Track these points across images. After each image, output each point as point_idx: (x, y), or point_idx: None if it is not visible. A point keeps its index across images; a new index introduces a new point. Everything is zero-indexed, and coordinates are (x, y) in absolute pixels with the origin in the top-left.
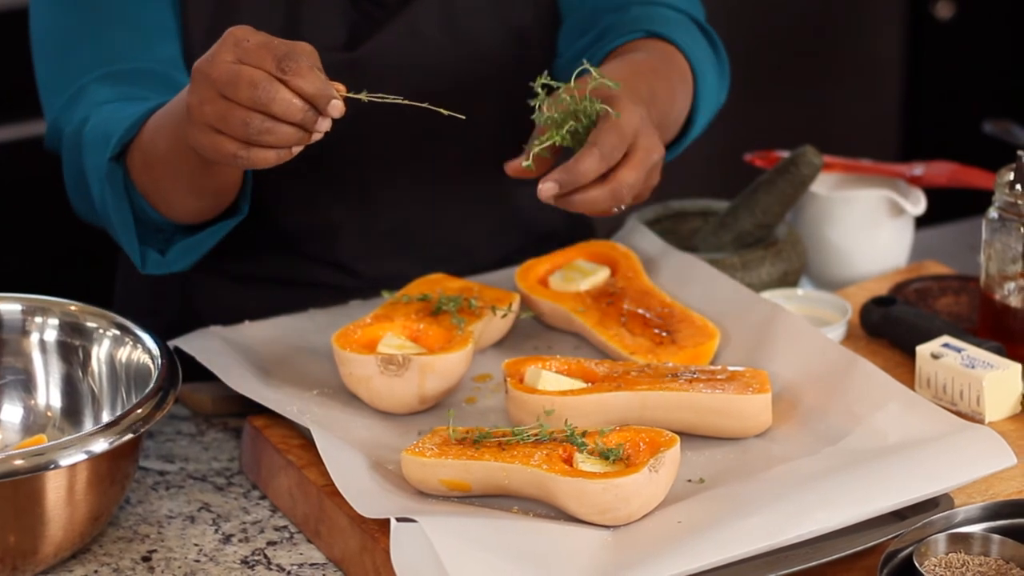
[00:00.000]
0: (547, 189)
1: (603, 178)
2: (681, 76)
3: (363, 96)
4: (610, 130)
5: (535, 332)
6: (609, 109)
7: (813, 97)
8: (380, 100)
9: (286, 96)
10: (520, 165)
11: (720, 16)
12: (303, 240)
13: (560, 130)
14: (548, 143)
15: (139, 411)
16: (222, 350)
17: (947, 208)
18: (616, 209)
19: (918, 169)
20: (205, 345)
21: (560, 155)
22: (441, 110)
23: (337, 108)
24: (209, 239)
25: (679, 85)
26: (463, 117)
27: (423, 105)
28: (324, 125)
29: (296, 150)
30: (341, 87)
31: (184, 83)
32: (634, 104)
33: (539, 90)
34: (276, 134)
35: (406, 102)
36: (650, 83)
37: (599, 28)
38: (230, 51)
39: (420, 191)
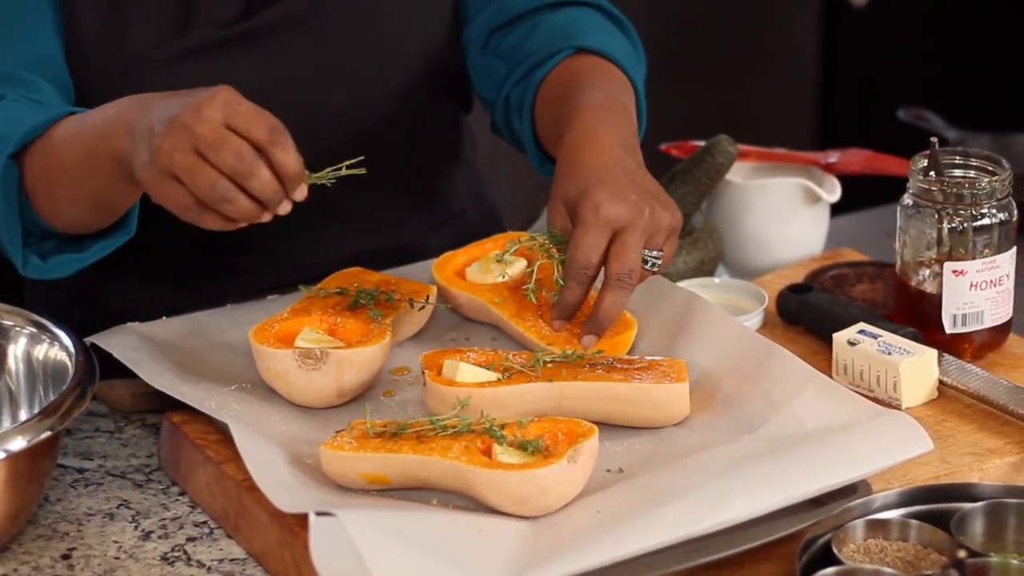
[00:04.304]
0: (556, 328)
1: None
2: (629, 94)
3: (326, 178)
4: (573, 258)
5: (452, 324)
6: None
7: (728, 86)
8: (334, 175)
9: (265, 175)
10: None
11: (635, 4)
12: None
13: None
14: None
15: (57, 409)
16: (139, 346)
17: (862, 195)
18: (652, 269)
19: (833, 157)
20: (122, 341)
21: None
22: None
23: (302, 193)
24: (94, 254)
25: (632, 107)
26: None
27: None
28: (285, 208)
29: (242, 224)
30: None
31: (54, 86)
32: (595, 202)
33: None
34: (236, 205)
35: (353, 172)
36: (619, 130)
37: (515, 35)
38: (219, 110)
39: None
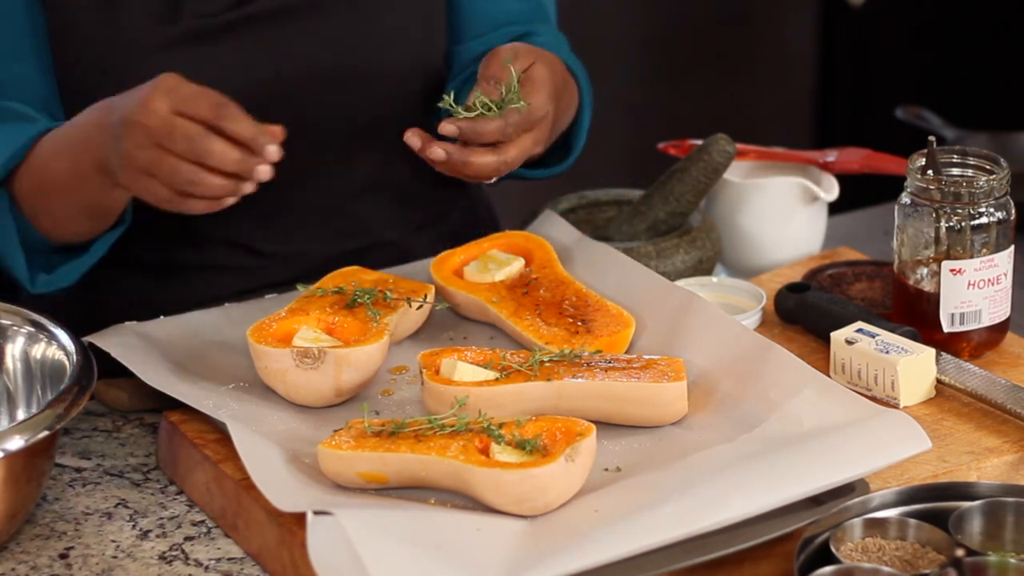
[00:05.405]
0: (444, 128)
1: (494, 148)
2: (573, 92)
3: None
4: (523, 115)
5: (450, 323)
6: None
7: (726, 85)
8: None
9: (221, 147)
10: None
11: (635, 4)
12: (203, 220)
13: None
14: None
15: (55, 408)
16: (137, 346)
17: (860, 194)
18: (492, 180)
19: (831, 156)
20: (120, 341)
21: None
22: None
23: (273, 151)
24: (95, 254)
25: (575, 96)
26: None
27: None
28: (263, 174)
29: (229, 201)
30: (277, 130)
31: (29, 106)
32: (547, 101)
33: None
34: (204, 185)
35: None
36: (565, 79)
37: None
38: (163, 99)
39: (315, 165)
